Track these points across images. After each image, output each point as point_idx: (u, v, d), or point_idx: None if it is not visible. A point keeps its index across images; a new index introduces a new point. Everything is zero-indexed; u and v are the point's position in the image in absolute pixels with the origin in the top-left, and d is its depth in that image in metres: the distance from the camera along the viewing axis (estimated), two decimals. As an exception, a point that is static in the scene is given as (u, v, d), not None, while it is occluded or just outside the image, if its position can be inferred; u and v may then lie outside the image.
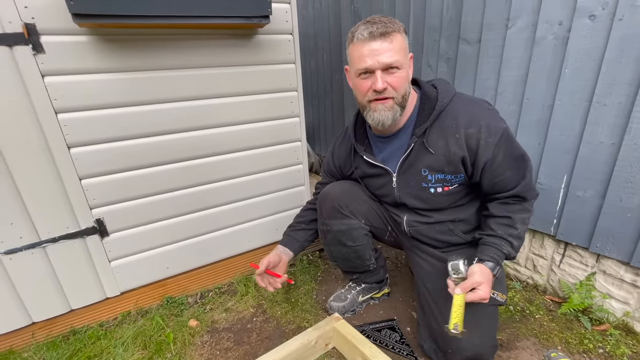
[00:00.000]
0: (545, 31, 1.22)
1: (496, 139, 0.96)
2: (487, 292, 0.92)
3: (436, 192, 1.08)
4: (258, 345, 1.27)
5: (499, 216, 1.03)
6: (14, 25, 0.99)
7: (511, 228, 1.01)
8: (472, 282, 0.92)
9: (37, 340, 1.28)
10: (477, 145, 0.97)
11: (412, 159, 1.07)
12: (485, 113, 0.99)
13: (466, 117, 0.98)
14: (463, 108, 1.00)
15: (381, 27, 0.92)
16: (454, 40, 1.56)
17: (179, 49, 1.23)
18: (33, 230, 1.16)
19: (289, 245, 1.30)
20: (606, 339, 1.21)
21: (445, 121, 1.00)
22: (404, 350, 1.21)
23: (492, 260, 0.99)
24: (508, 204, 1.03)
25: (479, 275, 0.93)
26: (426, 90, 1.06)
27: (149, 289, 1.46)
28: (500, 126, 0.97)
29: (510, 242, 1.01)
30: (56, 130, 1.11)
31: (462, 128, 0.98)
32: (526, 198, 1.02)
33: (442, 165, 1.03)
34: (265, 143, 1.52)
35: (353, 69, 1.01)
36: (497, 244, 1.01)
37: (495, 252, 1.00)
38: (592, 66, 1.13)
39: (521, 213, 1.02)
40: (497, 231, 1.02)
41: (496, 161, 0.98)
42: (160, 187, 1.34)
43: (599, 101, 1.14)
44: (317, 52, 2.67)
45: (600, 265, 1.29)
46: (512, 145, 0.99)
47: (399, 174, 1.11)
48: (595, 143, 1.18)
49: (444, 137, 1.00)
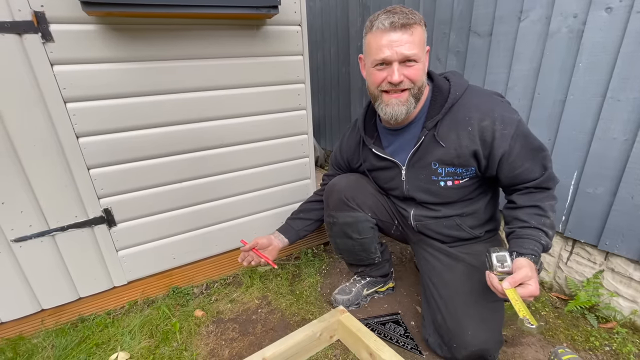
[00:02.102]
0: (559, 24, 1.19)
1: (512, 130, 0.94)
2: (537, 288, 0.82)
3: (446, 186, 1.06)
4: (263, 336, 1.28)
5: (527, 206, 0.97)
6: (23, 13, 0.99)
7: (543, 217, 0.95)
8: (522, 275, 0.81)
9: (46, 327, 1.30)
10: (493, 138, 0.95)
11: (422, 152, 1.05)
12: (499, 105, 0.97)
13: (479, 110, 0.96)
14: (476, 101, 0.98)
15: (402, 18, 0.90)
16: (464, 33, 1.53)
17: (187, 39, 1.22)
18: (42, 218, 1.17)
19: (285, 232, 1.32)
20: (613, 336, 1.21)
21: (457, 114, 0.99)
22: (408, 344, 1.21)
23: (533, 252, 0.89)
24: (532, 193, 0.99)
25: (530, 269, 0.83)
26: (438, 82, 1.05)
27: (155, 278, 1.47)
28: (514, 118, 0.95)
29: (546, 232, 0.93)
30: (65, 119, 1.12)
31: (475, 121, 0.96)
32: (550, 187, 0.99)
33: (452, 158, 1.01)
34: (272, 135, 1.51)
35: (369, 59, 0.98)
36: (534, 235, 0.92)
37: (535, 244, 0.91)
38: (607, 60, 1.11)
39: (549, 200, 0.97)
40: (530, 221, 0.94)
41: (513, 153, 0.96)
42: (167, 178, 1.35)
43: (613, 96, 1.12)
44: (323, 45, 2.65)
45: (609, 263, 1.27)
46: (529, 136, 0.97)
47: (408, 167, 1.10)
48: (607, 139, 1.16)
49: (455, 130, 0.99)
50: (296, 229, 1.33)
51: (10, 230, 1.13)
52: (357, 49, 2.28)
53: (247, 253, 1.25)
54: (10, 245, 1.15)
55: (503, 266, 0.86)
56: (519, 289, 0.82)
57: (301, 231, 1.34)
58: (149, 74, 1.20)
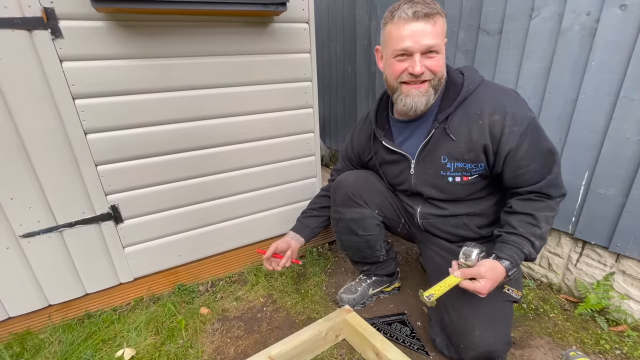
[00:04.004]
0: (571, 21, 1.18)
1: (522, 128, 0.92)
2: (485, 288, 0.89)
3: (454, 182, 1.05)
4: (268, 335, 1.28)
5: (522, 213, 0.98)
6: (33, 10, 0.99)
7: (534, 227, 0.96)
8: (475, 272, 0.90)
9: (53, 322, 1.30)
10: (501, 133, 0.93)
11: (432, 146, 1.04)
12: (513, 101, 0.95)
13: (491, 104, 0.95)
14: (489, 95, 0.97)
15: (425, 8, 0.89)
16: (473, 31, 1.52)
17: (195, 37, 1.22)
18: (50, 214, 1.18)
19: (300, 231, 1.30)
20: (623, 340, 1.19)
21: (469, 107, 0.97)
22: (415, 344, 1.20)
23: (509, 259, 0.94)
24: (532, 200, 0.98)
25: (487, 270, 0.90)
26: (452, 76, 1.03)
27: (161, 275, 1.47)
28: (528, 115, 0.93)
29: (532, 242, 0.96)
30: (73, 115, 1.12)
31: (487, 115, 0.94)
32: (551, 195, 0.97)
33: (462, 152, 0.99)
34: (279, 134, 1.51)
35: (389, 50, 0.96)
36: (518, 242, 0.95)
37: (515, 252, 0.95)
38: (620, 59, 1.09)
39: (545, 211, 0.97)
40: (519, 229, 0.96)
41: (520, 151, 0.94)
42: (173, 175, 1.35)
43: (626, 95, 1.09)
44: (329, 44, 2.64)
45: (620, 265, 1.25)
46: (539, 137, 0.94)
47: (417, 160, 1.08)
48: (620, 139, 1.13)
49: (466, 123, 0.97)
50: (311, 226, 1.32)
51: (18, 226, 1.14)
52: (363, 47, 2.27)
53: (269, 260, 1.23)
54: (19, 241, 1.16)
55: (466, 260, 0.94)
56: (467, 283, 0.90)
57: (316, 228, 1.33)
58: (157, 70, 1.20)
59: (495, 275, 0.92)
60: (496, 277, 0.92)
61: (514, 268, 0.94)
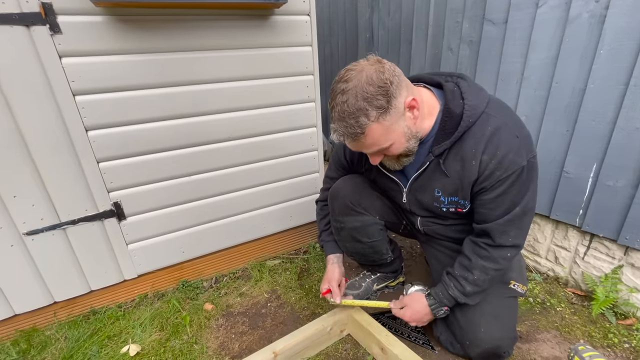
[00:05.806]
0: (580, 9, 1.14)
1: (505, 174, 0.85)
2: (405, 315, 1.06)
3: (448, 211, 1.02)
4: (273, 330, 1.27)
5: (463, 254, 1.00)
6: (30, 5, 0.98)
7: (467, 271, 0.97)
8: (401, 301, 1.10)
9: (59, 319, 1.31)
10: (483, 172, 0.88)
11: (425, 178, 0.99)
12: (510, 142, 0.85)
13: (486, 144, 0.86)
14: (487, 132, 0.87)
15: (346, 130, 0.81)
16: (477, 21, 1.49)
17: (195, 31, 1.20)
18: (53, 212, 1.18)
19: (335, 250, 1.28)
20: (632, 333, 1.17)
21: (465, 144, 0.89)
22: (420, 339, 1.19)
23: (434, 296, 1.03)
24: (477, 245, 0.97)
25: (410, 301, 1.07)
26: (450, 105, 0.90)
27: (165, 272, 1.48)
28: (517, 162, 0.84)
29: (462, 286, 0.98)
30: (74, 112, 1.11)
31: (479, 154, 0.87)
32: (494, 241, 0.92)
33: (456, 189, 0.95)
34: (281, 128, 1.49)
35: None
36: (447, 283, 1.01)
37: (441, 290, 1.02)
38: (631, 46, 1.06)
39: (485, 261, 0.95)
40: (454, 270, 1.01)
41: (491, 194, 0.89)
42: (176, 171, 1.34)
43: (636, 84, 1.07)
44: (331, 37, 2.61)
45: (629, 258, 1.23)
46: (519, 189, 0.87)
47: (410, 190, 1.05)
48: (630, 129, 1.11)
49: (461, 161, 0.91)
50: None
51: (22, 224, 1.14)
52: (365, 41, 2.24)
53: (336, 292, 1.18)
54: (23, 239, 1.16)
55: (405, 293, 1.14)
56: (396, 310, 1.10)
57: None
58: (157, 65, 1.18)
59: (418, 306, 1.05)
60: (418, 308, 1.05)
61: (439, 307, 1.03)
